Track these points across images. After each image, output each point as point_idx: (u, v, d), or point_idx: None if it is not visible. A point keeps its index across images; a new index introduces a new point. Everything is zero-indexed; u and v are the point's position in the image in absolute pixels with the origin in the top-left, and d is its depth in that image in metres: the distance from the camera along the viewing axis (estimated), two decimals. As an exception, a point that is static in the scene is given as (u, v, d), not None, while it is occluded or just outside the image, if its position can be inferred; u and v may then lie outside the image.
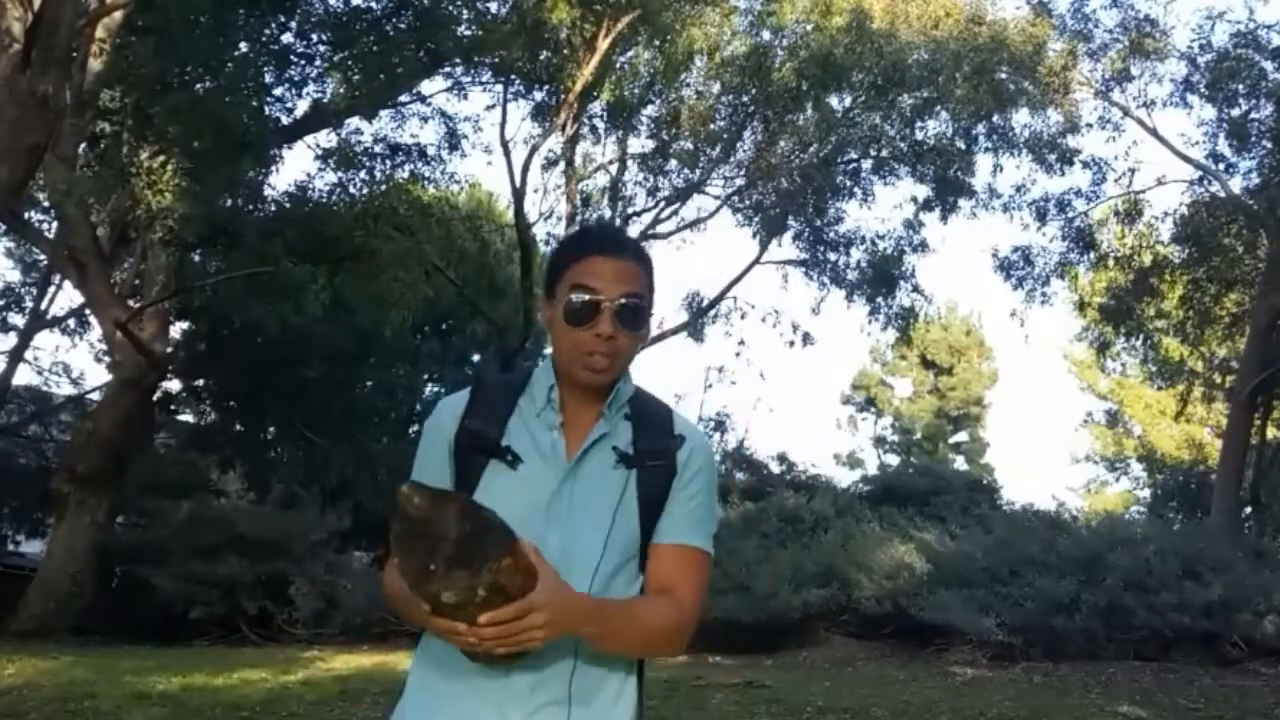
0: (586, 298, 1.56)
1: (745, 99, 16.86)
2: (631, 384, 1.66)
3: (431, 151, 15.13)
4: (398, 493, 1.31)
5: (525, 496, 1.52)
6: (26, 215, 14.30)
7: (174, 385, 16.67)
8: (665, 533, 1.59)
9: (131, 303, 13.70)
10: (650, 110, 17.79)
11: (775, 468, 18.34)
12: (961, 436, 34.17)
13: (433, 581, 1.30)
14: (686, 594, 1.58)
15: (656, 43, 16.09)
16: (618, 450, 1.59)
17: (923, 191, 17.76)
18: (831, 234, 18.14)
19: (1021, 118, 17.62)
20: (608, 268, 1.58)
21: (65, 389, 19.01)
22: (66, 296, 17.90)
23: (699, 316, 18.81)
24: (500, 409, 1.61)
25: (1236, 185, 16.48)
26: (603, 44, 14.99)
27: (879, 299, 18.02)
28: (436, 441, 1.62)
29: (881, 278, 17.78)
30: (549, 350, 1.69)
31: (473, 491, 1.54)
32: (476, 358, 19.97)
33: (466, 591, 1.30)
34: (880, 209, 50.48)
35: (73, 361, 40.96)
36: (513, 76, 15.69)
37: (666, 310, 21.11)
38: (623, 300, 1.57)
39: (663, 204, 18.19)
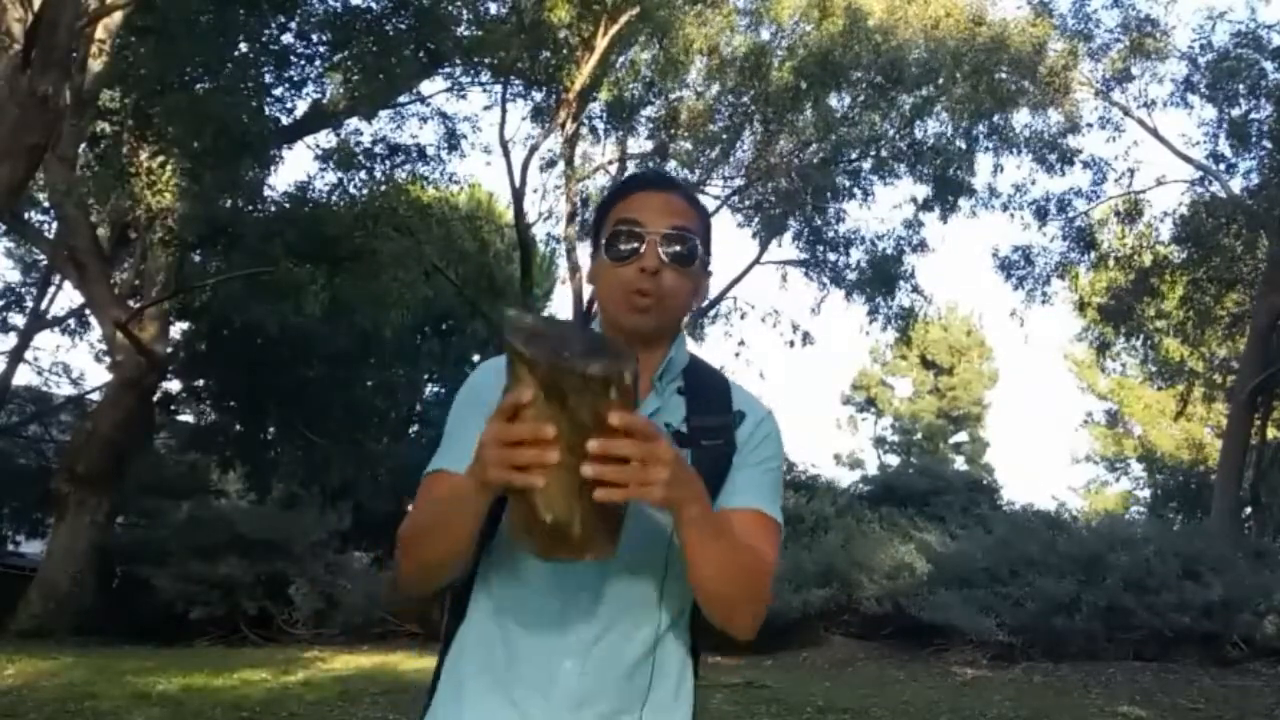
0: (630, 229, 1.42)
1: (744, 99, 16.87)
2: (686, 352, 1.51)
3: (431, 152, 15.15)
4: (506, 316, 1.17)
5: None
6: (26, 215, 14.30)
7: (174, 385, 16.66)
8: (739, 498, 1.41)
9: (131, 303, 13.69)
10: (649, 111, 17.81)
11: (775, 468, 18.31)
12: (962, 436, 34.18)
13: (571, 361, 1.11)
14: (768, 553, 1.40)
15: (655, 41, 16.08)
16: (671, 428, 1.42)
17: (922, 191, 17.80)
18: (831, 234, 18.14)
19: (1022, 118, 17.66)
20: (655, 199, 1.45)
21: (65, 389, 19.03)
22: (66, 296, 17.93)
23: (699, 316, 18.80)
24: None
25: (1237, 185, 16.52)
26: (601, 44, 15.00)
27: (879, 299, 18.02)
28: (475, 405, 1.42)
29: (881, 278, 17.77)
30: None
31: None
32: (477, 358, 19.97)
33: (613, 369, 1.12)
34: (880, 209, 50.53)
35: (73, 361, 41.12)
36: (512, 77, 15.70)
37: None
38: (669, 231, 1.42)
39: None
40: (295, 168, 70.88)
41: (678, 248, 1.41)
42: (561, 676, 1.36)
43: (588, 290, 14.39)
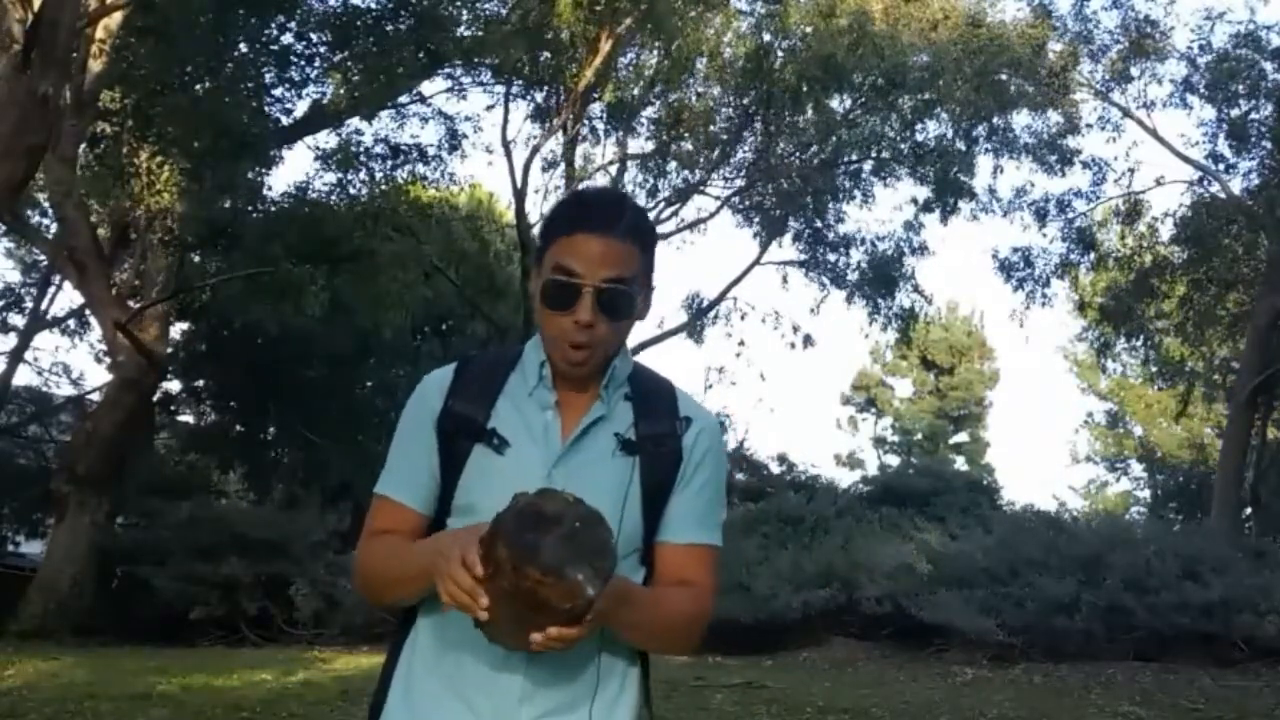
0: (566, 280, 1.42)
1: (746, 100, 16.87)
2: (630, 360, 1.54)
3: (432, 152, 15.14)
4: (542, 491, 1.27)
5: (514, 482, 1.33)
6: (26, 215, 14.30)
7: (174, 385, 16.67)
8: (676, 531, 1.49)
9: (131, 303, 13.69)
10: (650, 111, 17.81)
11: (775, 468, 18.34)
12: (962, 437, 34.16)
13: (529, 566, 1.21)
14: (704, 590, 1.50)
15: (658, 44, 16.07)
16: (619, 436, 1.47)
17: (923, 193, 17.80)
18: (831, 235, 18.15)
19: (1022, 119, 17.67)
20: (594, 248, 1.42)
21: (65, 389, 18.99)
22: (66, 296, 17.87)
23: (699, 317, 18.79)
24: (488, 388, 1.49)
25: (1236, 186, 16.54)
26: (605, 45, 15.00)
27: (879, 300, 18.02)
28: (421, 421, 1.51)
29: (881, 279, 17.77)
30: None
31: (458, 477, 1.47)
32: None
33: (570, 588, 1.22)
34: (880, 210, 50.48)
35: (73, 361, 41.11)
36: (513, 77, 15.70)
37: (667, 311, 21.07)
38: (605, 285, 1.42)
39: (663, 205, 18.19)
40: (295, 168, 70.85)
41: (613, 302, 1.43)
42: (508, 674, 1.42)
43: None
